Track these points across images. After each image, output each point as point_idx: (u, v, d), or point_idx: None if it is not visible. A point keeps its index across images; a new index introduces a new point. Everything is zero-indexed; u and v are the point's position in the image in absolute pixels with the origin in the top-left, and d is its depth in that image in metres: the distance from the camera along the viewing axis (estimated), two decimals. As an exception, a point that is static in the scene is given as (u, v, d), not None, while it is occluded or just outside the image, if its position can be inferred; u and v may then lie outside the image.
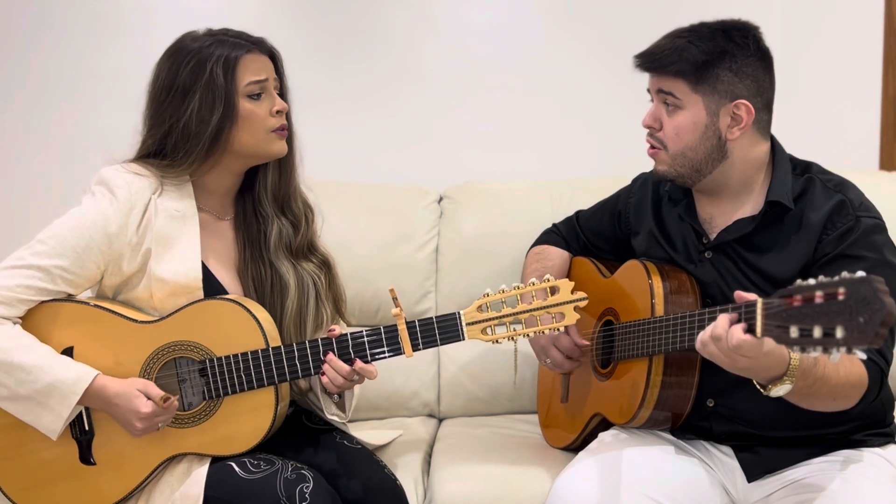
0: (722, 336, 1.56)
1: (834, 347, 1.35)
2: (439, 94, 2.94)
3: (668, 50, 1.85)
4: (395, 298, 1.86)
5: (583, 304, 1.83)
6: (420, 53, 2.94)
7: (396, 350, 1.88)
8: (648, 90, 1.93)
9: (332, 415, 2.02)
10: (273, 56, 1.99)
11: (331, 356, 1.87)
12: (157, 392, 1.84)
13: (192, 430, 1.88)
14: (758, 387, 1.65)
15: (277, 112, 1.93)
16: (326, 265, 2.09)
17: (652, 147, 1.94)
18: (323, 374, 1.89)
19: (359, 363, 1.87)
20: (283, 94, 2.00)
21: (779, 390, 1.61)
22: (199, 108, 1.88)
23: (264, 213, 2.02)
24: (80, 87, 2.91)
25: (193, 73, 1.89)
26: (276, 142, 1.94)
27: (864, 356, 1.64)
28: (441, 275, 2.69)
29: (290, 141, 2.02)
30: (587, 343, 2.12)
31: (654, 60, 1.87)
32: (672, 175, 1.92)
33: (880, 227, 1.85)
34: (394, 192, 2.76)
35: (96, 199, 1.90)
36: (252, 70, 1.91)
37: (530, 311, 1.84)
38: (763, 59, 1.87)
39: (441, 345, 1.87)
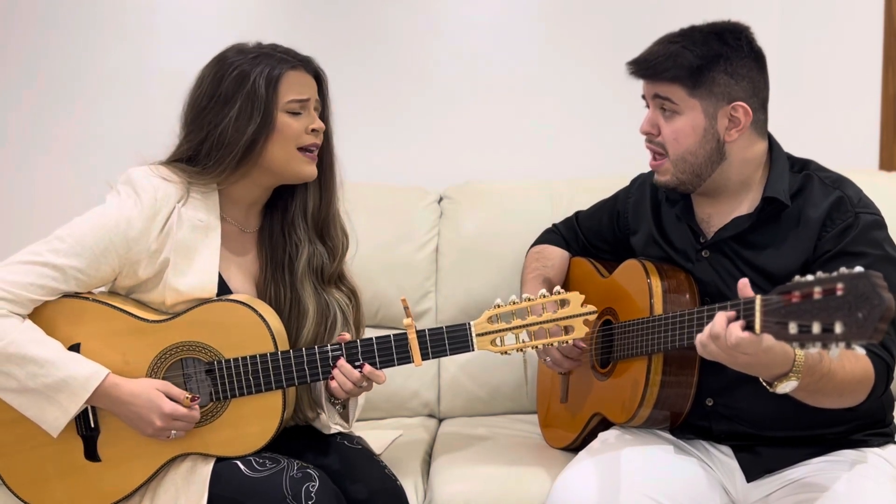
0: (720, 334, 1.56)
1: (833, 343, 1.35)
2: (439, 94, 2.95)
3: (661, 56, 1.85)
4: (406, 308, 1.86)
5: (592, 317, 1.84)
6: (420, 53, 2.94)
7: (406, 358, 1.89)
8: (643, 96, 1.93)
9: (335, 424, 2.02)
10: (318, 77, 1.98)
11: (341, 361, 1.88)
12: (180, 392, 1.85)
13: (197, 431, 1.88)
14: (764, 384, 1.63)
15: (313, 130, 1.92)
16: (354, 294, 2.08)
17: (654, 156, 1.93)
18: (332, 378, 1.89)
19: (368, 368, 1.88)
20: (323, 117, 1.99)
21: (785, 387, 1.60)
22: (237, 117, 1.87)
23: (297, 237, 2.00)
24: (84, 88, 2.91)
25: (236, 82, 1.89)
26: (305, 164, 1.93)
27: (863, 352, 1.64)
28: (441, 275, 2.69)
29: (328, 165, 2.01)
30: (585, 347, 2.12)
31: (648, 67, 1.87)
32: (674, 183, 1.92)
33: (879, 222, 1.85)
34: (394, 192, 2.77)
35: (120, 200, 1.89)
36: (295, 88, 1.91)
37: (540, 323, 1.84)
38: (757, 59, 1.87)
39: (450, 354, 1.88)
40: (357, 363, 1.88)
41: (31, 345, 1.81)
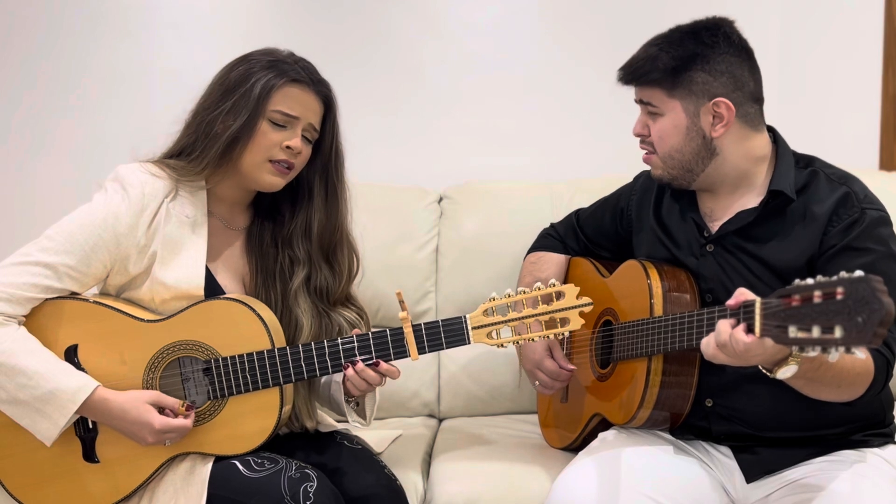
0: (727, 343, 1.55)
1: (833, 347, 1.35)
2: (439, 93, 2.95)
3: (641, 60, 1.89)
4: (401, 302, 1.86)
5: (587, 309, 1.84)
6: (420, 53, 2.94)
7: (402, 353, 1.88)
8: (635, 100, 1.95)
9: (354, 422, 2.01)
10: (327, 104, 1.98)
11: (360, 365, 1.87)
12: (173, 401, 1.85)
13: (195, 430, 1.88)
14: (764, 371, 1.61)
15: (288, 147, 1.91)
16: (363, 312, 2.08)
17: (647, 153, 1.96)
18: (346, 379, 1.89)
19: (383, 365, 1.87)
20: (324, 141, 1.99)
21: (785, 372, 1.58)
22: (228, 112, 1.89)
23: (292, 253, 2.00)
24: (86, 89, 2.92)
25: (240, 78, 1.90)
26: (270, 174, 1.92)
27: (863, 356, 1.63)
28: (441, 275, 2.69)
29: (332, 190, 2.01)
30: (573, 367, 2.12)
31: (630, 73, 1.91)
32: (667, 178, 1.94)
33: (885, 219, 1.85)
34: (394, 192, 2.77)
35: (108, 196, 1.89)
36: (288, 102, 1.91)
37: (535, 315, 1.84)
38: (738, 53, 1.87)
39: (447, 348, 1.88)
40: (353, 360, 1.88)
41: (22, 355, 1.80)
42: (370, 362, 1.87)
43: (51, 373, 1.81)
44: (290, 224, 2.02)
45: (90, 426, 1.89)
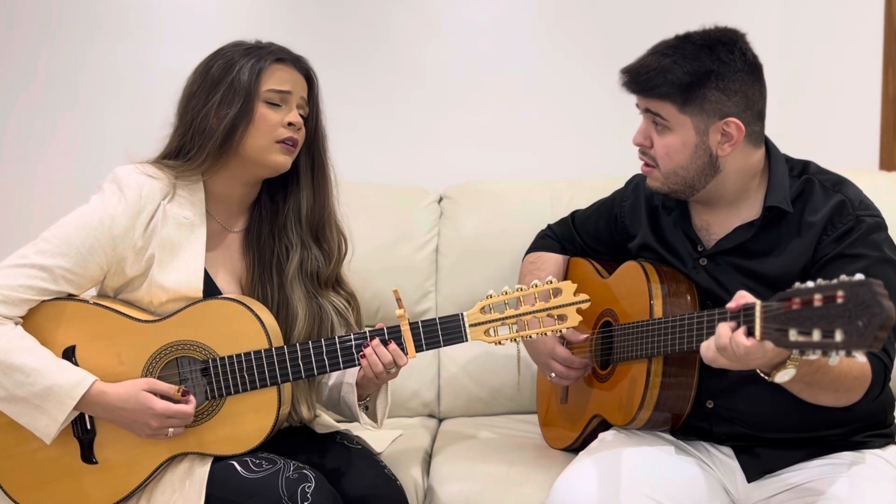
0: (727, 346, 1.55)
1: (833, 350, 1.35)
2: (439, 94, 2.95)
3: (652, 71, 1.82)
4: (398, 299, 1.86)
5: (585, 305, 1.84)
6: (420, 53, 2.94)
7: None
8: (637, 106, 1.91)
9: (365, 424, 2.01)
10: (309, 79, 1.99)
11: (376, 341, 1.87)
12: (168, 387, 1.84)
13: (194, 430, 1.88)
14: (761, 374, 1.60)
15: (289, 124, 1.92)
16: (353, 298, 2.08)
17: (646, 165, 1.93)
18: (362, 357, 1.87)
19: (393, 345, 1.87)
20: (310, 118, 2.00)
21: (783, 375, 1.57)
22: (220, 103, 1.89)
23: (287, 241, 2.01)
24: (85, 89, 2.92)
25: (223, 69, 1.91)
26: (279, 154, 1.93)
27: (863, 359, 1.62)
28: (441, 275, 2.69)
29: (320, 167, 2.02)
30: (583, 360, 2.11)
31: (638, 82, 1.85)
32: (665, 191, 1.92)
33: (880, 224, 1.84)
34: (394, 192, 2.77)
35: (105, 198, 1.89)
36: (276, 79, 1.92)
37: (533, 312, 1.84)
38: (751, 71, 1.84)
39: (444, 346, 1.88)
40: (350, 359, 1.87)
41: (18, 353, 1.81)
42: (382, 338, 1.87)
43: (48, 369, 1.81)
44: (284, 211, 2.02)
45: (88, 427, 1.89)
